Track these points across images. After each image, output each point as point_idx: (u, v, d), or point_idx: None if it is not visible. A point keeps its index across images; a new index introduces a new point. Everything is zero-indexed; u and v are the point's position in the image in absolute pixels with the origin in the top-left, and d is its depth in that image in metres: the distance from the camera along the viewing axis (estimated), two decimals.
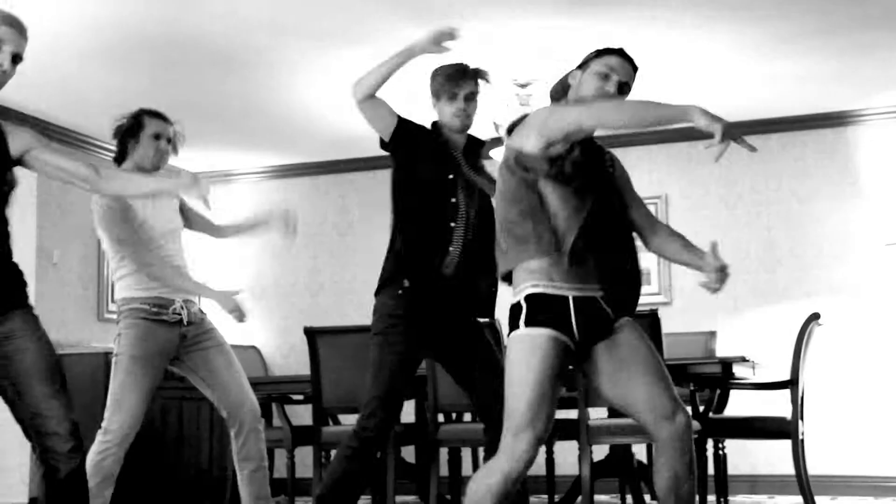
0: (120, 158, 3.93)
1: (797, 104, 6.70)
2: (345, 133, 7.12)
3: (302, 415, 6.49)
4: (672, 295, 7.01)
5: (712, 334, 5.97)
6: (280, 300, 7.93)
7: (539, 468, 6.25)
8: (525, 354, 2.68)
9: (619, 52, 2.83)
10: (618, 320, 2.78)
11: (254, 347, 7.73)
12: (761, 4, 5.10)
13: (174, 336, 3.83)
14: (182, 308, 3.83)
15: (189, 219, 4.10)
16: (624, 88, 2.81)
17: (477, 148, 3.80)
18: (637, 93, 6.95)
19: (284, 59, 5.70)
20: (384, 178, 6.74)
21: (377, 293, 3.67)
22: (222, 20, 5.10)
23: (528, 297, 2.73)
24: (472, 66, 3.68)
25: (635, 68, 2.86)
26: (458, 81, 3.63)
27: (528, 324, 2.70)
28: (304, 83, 6.12)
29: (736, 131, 2.46)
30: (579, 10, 5.11)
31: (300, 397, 5.52)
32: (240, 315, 3.82)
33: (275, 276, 7.96)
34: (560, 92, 2.92)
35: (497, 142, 5.95)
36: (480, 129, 6.32)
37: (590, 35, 5.42)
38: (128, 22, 5.08)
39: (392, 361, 3.56)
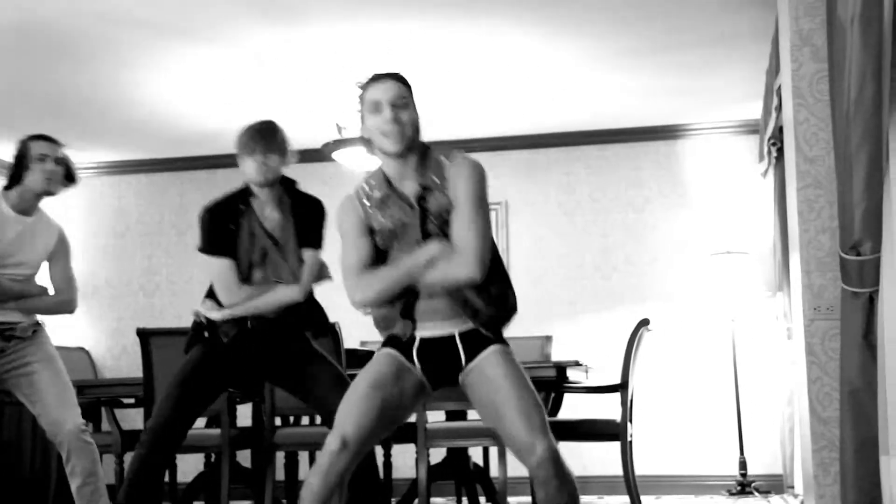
0: (11, 183, 3.88)
1: (634, 117, 6.94)
2: (184, 130, 6.94)
3: (134, 419, 6.27)
4: None
5: (548, 338, 6.09)
6: (113, 300, 7.66)
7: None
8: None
9: (375, 78, 2.82)
10: (479, 353, 2.75)
11: (82, 349, 7.43)
12: (602, 20, 5.26)
13: None
14: None
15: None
16: (399, 102, 2.78)
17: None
18: (482, 90, 6.95)
19: (124, 53, 5.50)
20: (225, 176, 6.63)
21: None
22: (61, 6, 4.89)
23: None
24: (273, 124, 3.68)
25: (399, 77, 2.83)
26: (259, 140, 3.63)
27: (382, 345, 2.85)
28: (144, 78, 5.92)
29: None
30: (427, 13, 5.14)
31: (131, 401, 5.36)
32: None
33: (107, 275, 7.68)
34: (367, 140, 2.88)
35: (339, 144, 5.91)
36: (324, 131, 6.29)
37: (437, 38, 5.47)
38: None
39: (184, 366, 3.63)
